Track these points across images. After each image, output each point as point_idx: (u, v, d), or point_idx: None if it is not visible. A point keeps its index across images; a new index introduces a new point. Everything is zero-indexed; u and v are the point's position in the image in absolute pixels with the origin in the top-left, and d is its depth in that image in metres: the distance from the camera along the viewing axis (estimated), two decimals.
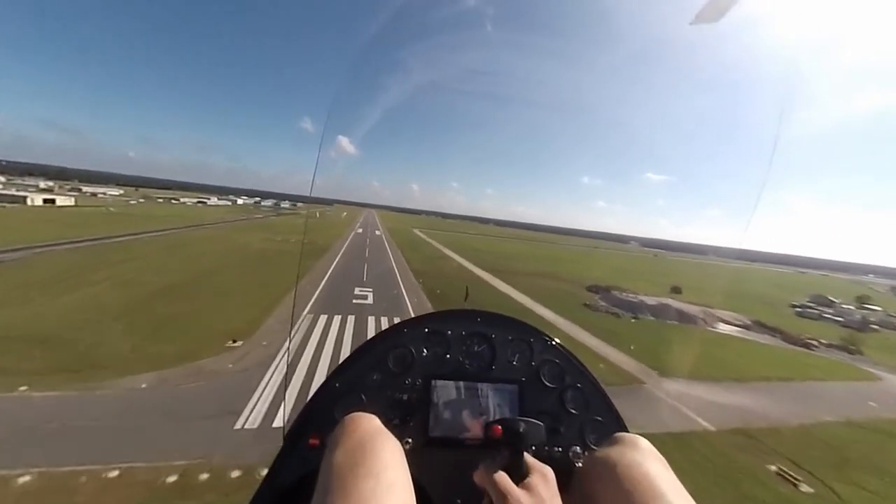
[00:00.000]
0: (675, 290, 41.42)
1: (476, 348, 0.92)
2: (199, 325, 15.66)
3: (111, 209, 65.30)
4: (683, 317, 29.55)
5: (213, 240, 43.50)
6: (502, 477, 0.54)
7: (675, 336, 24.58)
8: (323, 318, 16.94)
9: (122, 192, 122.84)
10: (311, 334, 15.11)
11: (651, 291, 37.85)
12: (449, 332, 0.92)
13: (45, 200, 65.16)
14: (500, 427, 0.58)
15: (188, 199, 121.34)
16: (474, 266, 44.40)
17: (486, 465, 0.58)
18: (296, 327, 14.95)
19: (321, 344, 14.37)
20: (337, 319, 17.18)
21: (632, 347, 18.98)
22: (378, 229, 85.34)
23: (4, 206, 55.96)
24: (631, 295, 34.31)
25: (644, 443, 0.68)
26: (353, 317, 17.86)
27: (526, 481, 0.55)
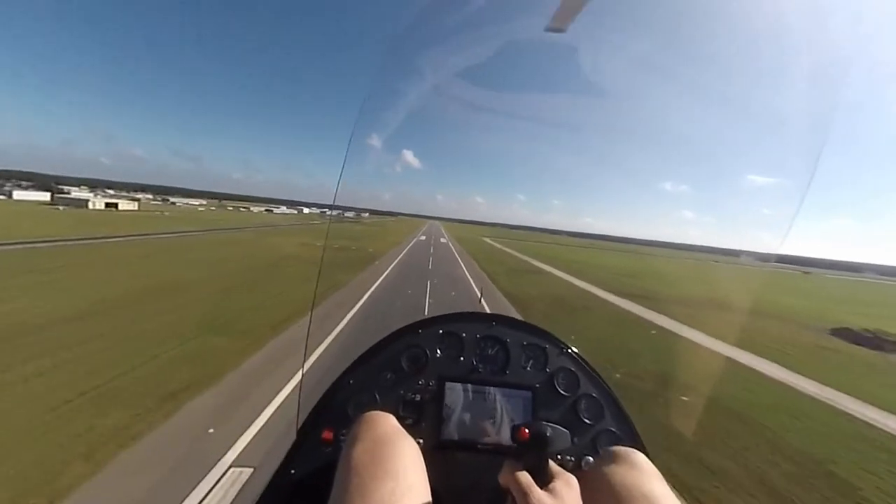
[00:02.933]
0: None
1: (490, 352, 0.90)
2: None
3: (165, 213, 62.22)
4: None
5: (232, 244, 33.89)
6: (526, 477, 0.53)
7: None
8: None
9: (204, 202, 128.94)
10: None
11: None
12: (463, 335, 0.90)
13: (107, 205, 64.38)
14: (527, 430, 0.55)
15: (258, 208, 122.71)
16: (590, 284, 28.91)
17: (510, 465, 0.56)
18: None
19: None
20: None
21: None
22: (443, 237, 73.99)
23: (60, 209, 54.40)
24: None
25: (640, 458, 0.65)
26: None
27: (550, 486, 0.53)
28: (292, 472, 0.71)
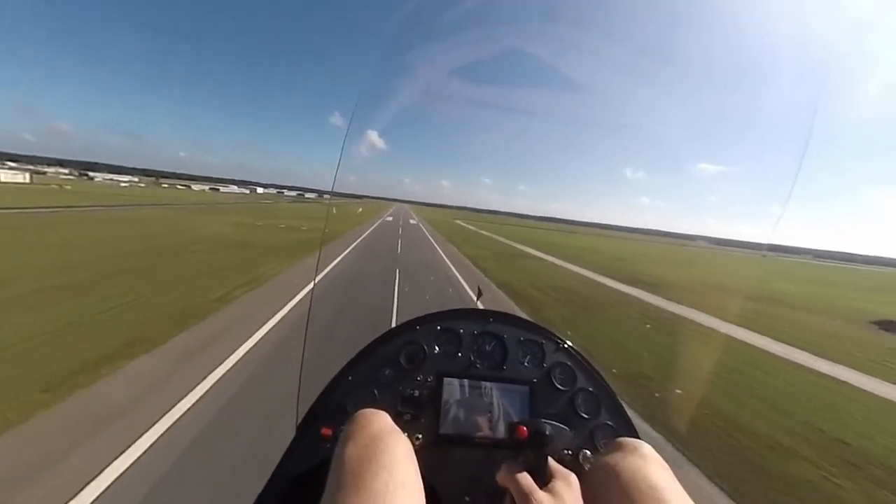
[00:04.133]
0: None
1: (487, 348, 0.91)
2: None
3: (66, 187, 50.88)
4: None
5: (132, 222, 25.89)
6: (526, 478, 0.53)
7: None
8: None
9: (135, 179, 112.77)
10: None
11: None
12: (461, 331, 0.91)
13: None
14: (525, 428, 0.56)
15: (202, 187, 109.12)
16: (589, 271, 24.28)
17: (508, 465, 0.57)
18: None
19: None
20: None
21: None
22: (413, 219, 67.63)
23: None
24: None
25: (647, 448, 0.66)
26: None
27: (550, 485, 0.54)
28: (292, 467, 0.72)
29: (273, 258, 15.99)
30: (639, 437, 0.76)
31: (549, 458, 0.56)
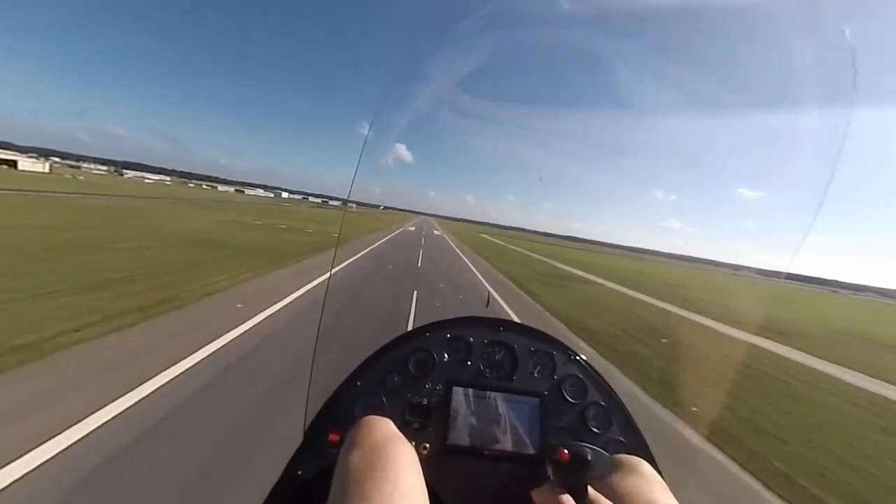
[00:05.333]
0: None
1: (497, 357, 0.89)
2: None
3: (79, 178, 48.96)
4: None
5: (121, 210, 21.71)
6: (570, 501, 0.52)
7: None
8: None
9: (163, 178, 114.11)
10: None
11: None
12: (471, 339, 0.90)
13: (1, 161, 50.36)
14: (566, 451, 0.54)
15: (228, 188, 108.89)
16: (661, 301, 18.01)
17: (551, 486, 0.55)
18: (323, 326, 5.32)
19: None
20: None
21: None
22: (437, 230, 62.72)
23: None
24: None
25: (644, 466, 0.64)
26: None
27: None
28: (299, 472, 0.71)
29: (237, 264, 10.94)
30: (651, 455, 0.76)
31: (590, 488, 0.53)
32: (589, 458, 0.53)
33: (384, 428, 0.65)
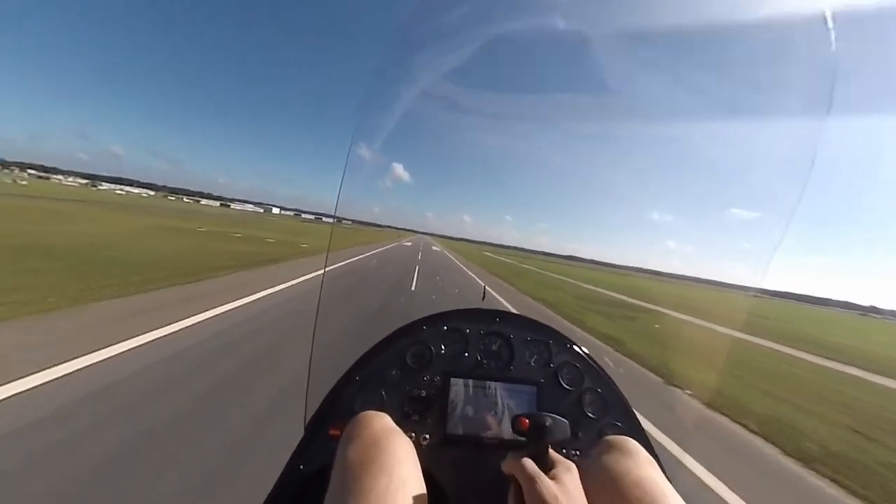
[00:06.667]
0: None
1: (494, 348, 0.89)
2: None
3: (22, 182, 42.76)
4: None
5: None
6: (531, 465, 0.53)
7: None
8: None
9: (143, 191, 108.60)
10: None
11: None
12: (468, 331, 0.90)
13: None
14: (527, 420, 0.56)
15: (214, 202, 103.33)
16: (811, 354, 11.30)
17: (514, 454, 0.57)
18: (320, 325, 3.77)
19: None
20: None
21: None
22: (435, 246, 56.36)
23: None
24: None
25: (634, 445, 0.66)
26: None
27: (551, 472, 0.54)
28: (301, 467, 0.71)
29: (53, 282, 4.37)
30: (647, 439, 0.76)
31: (550, 448, 0.56)
32: (547, 424, 0.55)
33: (381, 422, 0.64)
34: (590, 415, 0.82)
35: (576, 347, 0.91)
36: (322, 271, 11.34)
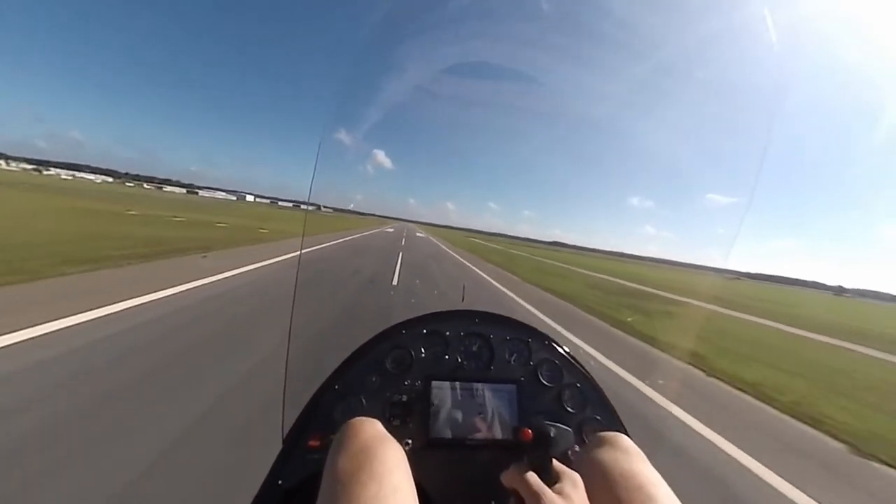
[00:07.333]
0: None
1: (474, 348, 0.89)
2: None
3: None
4: None
5: None
6: (535, 479, 0.52)
7: None
8: None
9: (103, 177, 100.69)
10: None
11: None
12: (447, 333, 0.89)
13: None
14: (530, 430, 0.55)
15: (179, 190, 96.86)
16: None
17: (516, 466, 0.55)
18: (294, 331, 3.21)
19: None
20: None
21: None
22: (420, 232, 53.13)
23: None
24: None
25: (624, 440, 0.67)
26: None
27: (556, 486, 0.52)
28: (280, 482, 0.68)
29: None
30: (626, 430, 0.77)
31: (554, 460, 0.55)
32: (552, 434, 0.54)
33: (371, 428, 0.63)
34: (569, 409, 0.82)
35: (555, 345, 0.92)
36: (297, 263, 8.12)
